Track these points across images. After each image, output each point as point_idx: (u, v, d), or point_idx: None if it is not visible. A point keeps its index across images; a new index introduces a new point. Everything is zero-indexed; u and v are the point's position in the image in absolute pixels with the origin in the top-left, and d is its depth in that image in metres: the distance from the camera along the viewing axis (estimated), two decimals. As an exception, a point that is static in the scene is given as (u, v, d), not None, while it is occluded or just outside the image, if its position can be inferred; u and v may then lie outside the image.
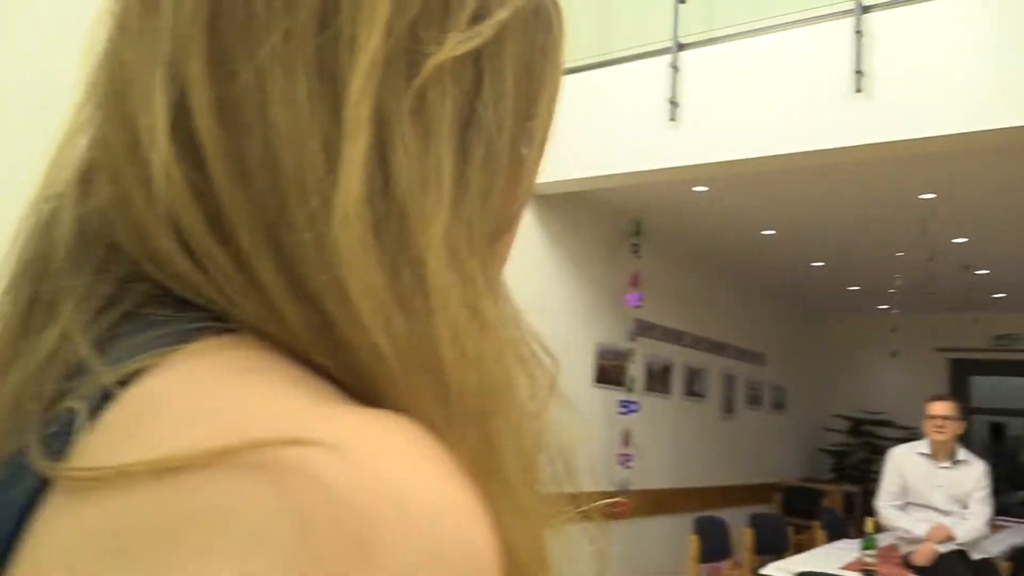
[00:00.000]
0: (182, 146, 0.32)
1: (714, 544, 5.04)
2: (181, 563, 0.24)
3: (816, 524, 5.76)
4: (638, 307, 5.84)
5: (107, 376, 0.30)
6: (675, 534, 5.83)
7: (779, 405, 8.63)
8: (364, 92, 0.32)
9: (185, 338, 0.31)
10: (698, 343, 7.05)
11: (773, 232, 6.25)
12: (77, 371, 0.32)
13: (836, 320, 9.63)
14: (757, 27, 4.29)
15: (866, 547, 3.86)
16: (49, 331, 0.34)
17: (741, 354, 7.83)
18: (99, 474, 0.26)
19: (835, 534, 5.47)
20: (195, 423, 0.27)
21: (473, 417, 0.32)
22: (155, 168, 0.32)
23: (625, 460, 5.66)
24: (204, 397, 0.29)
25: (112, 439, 0.28)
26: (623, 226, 5.88)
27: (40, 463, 0.28)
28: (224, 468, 0.25)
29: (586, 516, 0.39)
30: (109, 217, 0.35)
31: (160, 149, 0.32)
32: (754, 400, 8.08)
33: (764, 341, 8.33)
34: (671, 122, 4.46)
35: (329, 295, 0.31)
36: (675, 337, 6.69)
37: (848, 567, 3.90)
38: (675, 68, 4.50)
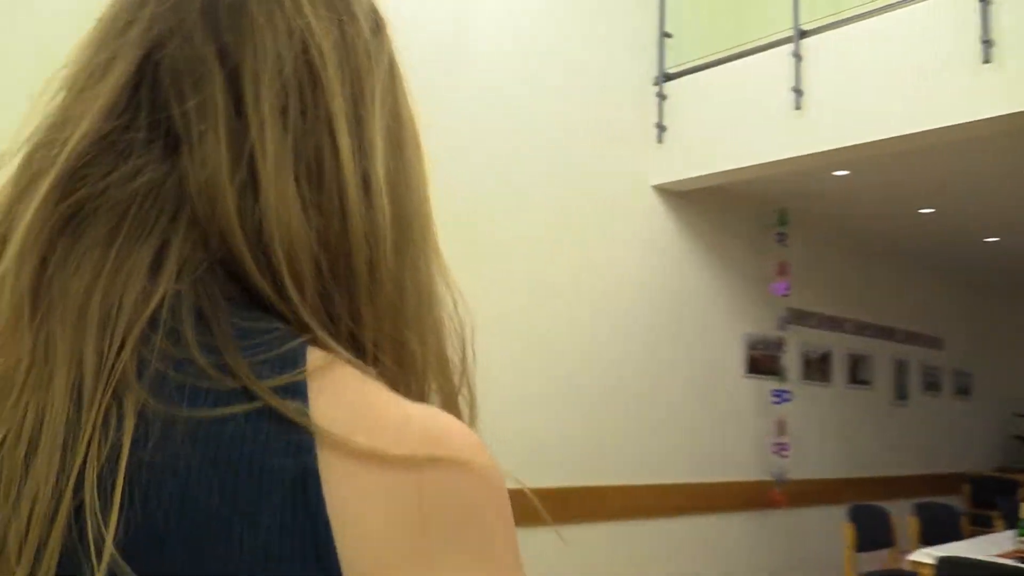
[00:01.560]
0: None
1: (874, 533, 4.94)
2: (476, 531, 0.38)
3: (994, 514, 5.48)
4: (786, 295, 5.80)
5: (294, 376, 0.38)
6: (839, 524, 5.73)
7: (963, 391, 8.12)
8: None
9: (304, 350, 0.40)
10: (861, 329, 6.84)
11: (932, 210, 5.99)
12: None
13: (1026, 298, 8.94)
14: (876, 6, 4.21)
15: (1021, 534, 3.71)
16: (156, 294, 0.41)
17: (913, 338, 7.48)
18: (392, 456, 0.37)
19: (1015, 524, 5.17)
20: (406, 430, 0.38)
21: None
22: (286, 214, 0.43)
23: (780, 449, 5.64)
24: (390, 405, 0.40)
25: (342, 424, 0.37)
26: (767, 216, 5.86)
27: (327, 432, 0.37)
28: (454, 468, 0.38)
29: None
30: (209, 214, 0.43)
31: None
32: (932, 386, 7.68)
33: (941, 324, 7.89)
34: (796, 111, 4.46)
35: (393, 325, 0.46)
36: (834, 324, 6.54)
37: (1004, 555, 3.75)
38: (797, 56, 4.50)
